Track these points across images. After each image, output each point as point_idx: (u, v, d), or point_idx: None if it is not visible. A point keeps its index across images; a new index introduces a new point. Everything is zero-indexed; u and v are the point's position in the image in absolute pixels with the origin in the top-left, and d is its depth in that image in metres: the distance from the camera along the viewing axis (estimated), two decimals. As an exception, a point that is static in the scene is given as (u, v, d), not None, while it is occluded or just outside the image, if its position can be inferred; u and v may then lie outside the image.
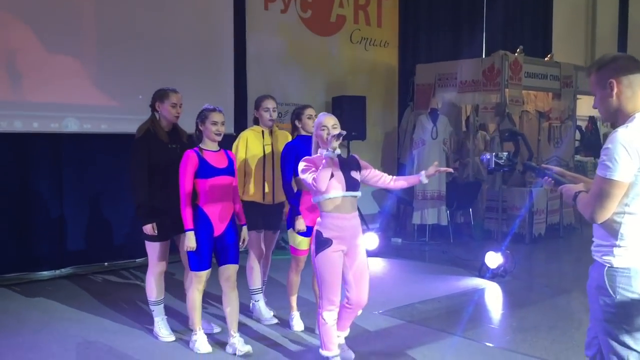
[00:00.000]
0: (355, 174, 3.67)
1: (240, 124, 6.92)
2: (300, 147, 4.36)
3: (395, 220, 9.06)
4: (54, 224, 6.37)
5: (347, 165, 3.68)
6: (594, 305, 2.52)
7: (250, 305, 4.94)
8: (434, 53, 9.50)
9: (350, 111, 7.61)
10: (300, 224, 4.33)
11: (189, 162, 3.98)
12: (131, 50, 6.70)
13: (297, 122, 4.52)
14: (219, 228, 4.06)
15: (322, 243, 3.55)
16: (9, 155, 6.12)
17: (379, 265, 6.86)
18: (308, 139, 4.33)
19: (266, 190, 4.66)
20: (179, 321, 4.76)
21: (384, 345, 3.71)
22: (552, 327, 4.73)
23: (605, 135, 11.77)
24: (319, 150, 3.65)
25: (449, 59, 8.94)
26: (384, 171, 3.97)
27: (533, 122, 9.43)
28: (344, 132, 3.57)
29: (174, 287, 5.40)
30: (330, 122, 3.69)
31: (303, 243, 4.43)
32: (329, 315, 3.63)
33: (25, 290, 5.72)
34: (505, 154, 3.13)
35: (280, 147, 4.63)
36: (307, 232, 4.30)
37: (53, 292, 5.65)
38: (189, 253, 4.05)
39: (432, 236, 8.30)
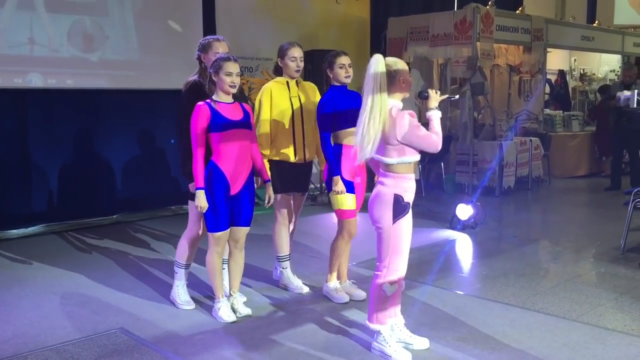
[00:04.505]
0: None
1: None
2: (336, 98, 4.02)
3: (368, 175, 9.07)
4: (21, 182, 6.26)
5: None
6: None
7: (278, 272, 4.55)
8: (406, 6, 9.40)
9: (321, 65, 7.52)
10: (339, 185, 3.98)
11: (200, 115, 3.63)
12: (97, 2, 6.51)
13: (328, 71, 4.09)
14: (235, 187, 3.76)
15: (402, 208, 3.23)
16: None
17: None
18: (342, 89, 4.07)
19: (297, 146, 4.25)
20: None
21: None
22: (520, 275, 4.86)
23: (575, 89, 11.93)
24: (428, 113, 3.40)
25: (421, 12, 8.87)
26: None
27: (504, 76, 9.49)
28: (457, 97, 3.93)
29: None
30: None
31: (346, 201, 4.04)
32: (392, 288, 3.31)
33: (-5, 249, 5.66)
34: None
35: (310, 99, 4.30)
36: (349, 188, 4.04)
37: (23, 250, 5.58)
38: (205, 213, 3.73)
39: (404, 190, 8.34)
